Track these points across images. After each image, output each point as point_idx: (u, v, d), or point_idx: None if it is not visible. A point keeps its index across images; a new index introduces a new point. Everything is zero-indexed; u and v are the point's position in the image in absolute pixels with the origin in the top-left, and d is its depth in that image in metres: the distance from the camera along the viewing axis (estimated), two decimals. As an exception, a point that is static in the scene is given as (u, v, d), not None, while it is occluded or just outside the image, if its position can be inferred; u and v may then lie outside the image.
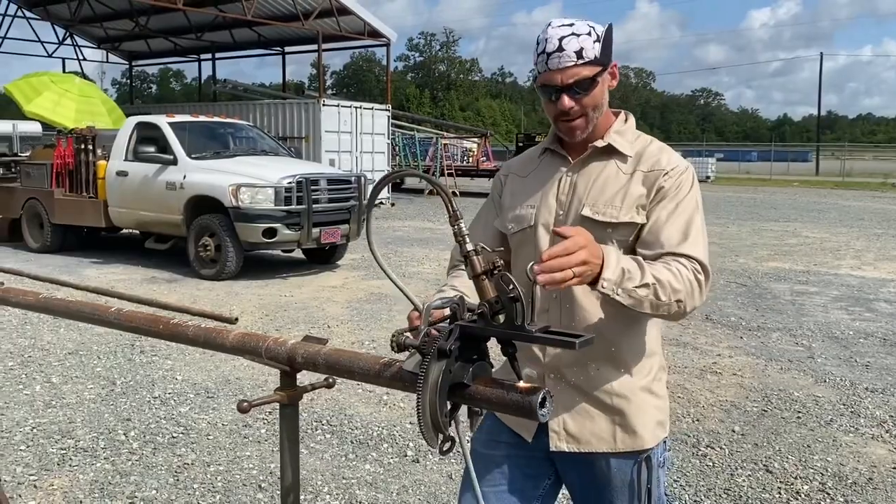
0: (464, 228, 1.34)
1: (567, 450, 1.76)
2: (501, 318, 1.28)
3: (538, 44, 1.68)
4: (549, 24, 1.68)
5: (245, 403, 1.54)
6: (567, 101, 1.67)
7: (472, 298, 1.36)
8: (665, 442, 1.82)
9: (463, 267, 1.78)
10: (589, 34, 1.64)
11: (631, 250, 1.68)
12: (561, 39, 1.63)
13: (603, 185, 1.74)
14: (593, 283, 1.48)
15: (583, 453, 1.76)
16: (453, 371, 1.26)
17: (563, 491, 1.89)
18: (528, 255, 1.75)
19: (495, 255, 1.32)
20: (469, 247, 1.32)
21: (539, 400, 1.18)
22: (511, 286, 1.25)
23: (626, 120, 1.81)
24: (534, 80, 1.75)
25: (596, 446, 1.74)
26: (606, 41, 1.67)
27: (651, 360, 1.78)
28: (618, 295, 1.50)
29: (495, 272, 1.29)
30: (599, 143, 1.76)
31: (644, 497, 1.76)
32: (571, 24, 1.65)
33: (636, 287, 1.52)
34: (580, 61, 1.63)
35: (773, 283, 9.03)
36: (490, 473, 1.82)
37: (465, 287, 1.69)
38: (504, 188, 1.93)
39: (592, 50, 1.64)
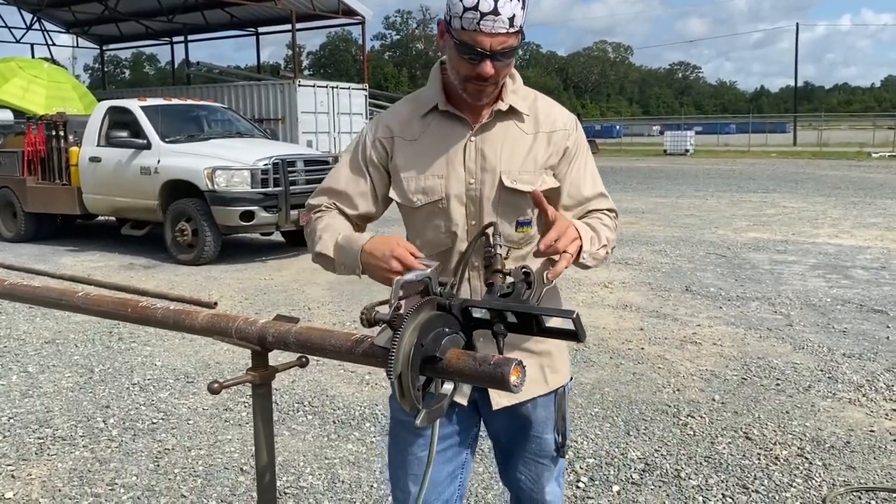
0: None
1: (509, 404, 1.81)
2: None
3: None
4: None
5: (216, 384, 1.51)
6: (490, 67, 1.58)
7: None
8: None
9: (332, 210, 1.90)
10: None
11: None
12: (496, 1, 1.51)
13: (511, 149, 1.73)
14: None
15: (518, 403, 1.83)
16: (425, 345, 1.25)
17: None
18: (440, 228, 1.76)
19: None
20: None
21: (511, 370, 1.17)
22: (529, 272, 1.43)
23: (513, 78, 1.74)
24: (447, 27, 1.59)
25: (532, 391, 1.81)
26: (526, 5, 1.58)
27: (559, 297, 1.91)
28: (584, 259, 1.64)
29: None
30: (503, 106, 1.72)
31: (560, 421, 1.88)
32: None
33: (598, 250, 1.66)
34: (512, 30, 1.55)
35: (751, 253, 9.09)
36: (422, 439, 1.81)
37: (345, 227, 1.81)
38: (393, 154, 1.77)
39: (521, 18, 1.56)
